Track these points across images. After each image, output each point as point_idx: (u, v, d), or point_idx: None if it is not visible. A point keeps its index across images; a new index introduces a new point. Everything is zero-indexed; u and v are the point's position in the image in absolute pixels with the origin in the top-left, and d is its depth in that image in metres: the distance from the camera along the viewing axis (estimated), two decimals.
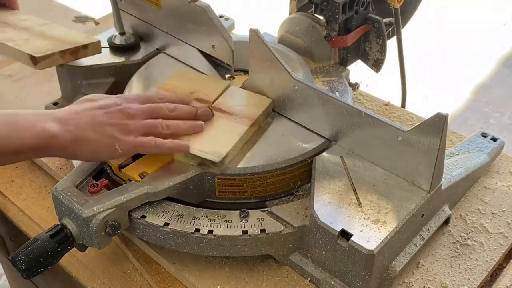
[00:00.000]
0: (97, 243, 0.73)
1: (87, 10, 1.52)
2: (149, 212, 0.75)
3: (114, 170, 0.80)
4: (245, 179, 0.78)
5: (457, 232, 0.83)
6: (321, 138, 0.83)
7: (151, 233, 0.75)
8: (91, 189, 0.75)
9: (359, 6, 0.94)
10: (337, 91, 0.93)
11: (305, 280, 0.77)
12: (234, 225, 0.74)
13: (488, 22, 3.26)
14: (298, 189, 0.82)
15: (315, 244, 0.73)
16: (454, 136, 0.99)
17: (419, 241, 0.78)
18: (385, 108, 1.05)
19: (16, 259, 0.69)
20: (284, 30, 1.02)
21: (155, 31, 1.01)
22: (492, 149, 0.91)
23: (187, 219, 0.75)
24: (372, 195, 0.74)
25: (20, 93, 1.12)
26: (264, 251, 0.75)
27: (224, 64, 0.94)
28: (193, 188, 0.78)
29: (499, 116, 2.69)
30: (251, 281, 0.77)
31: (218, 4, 1.05)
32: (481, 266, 0.78)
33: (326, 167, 0.79)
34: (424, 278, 0.77)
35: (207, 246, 0.74)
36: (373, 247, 0.68)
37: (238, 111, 0.85)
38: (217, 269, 0.78)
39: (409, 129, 0.73)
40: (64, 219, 0.73)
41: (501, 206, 0.87)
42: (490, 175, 0.92)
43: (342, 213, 0.72)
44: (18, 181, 0.95)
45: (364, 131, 0.78)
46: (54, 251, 0.70)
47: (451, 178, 0.81)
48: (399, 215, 0.72)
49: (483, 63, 3.00)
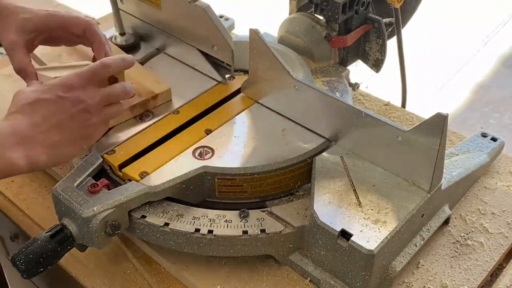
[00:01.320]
0: (97, 243, 0.72)
1: (87, 10, 1.51)
2: (149, 212, 0.75)
3: (114, 170, 0.80)
4: (245, 179, 0.78)
5: (457, 232, 0.83)
6: (321, 138, 0.83)
7: (151, 233, 0.75)
8: (91, 189, 0.74)
9: (359, 6, 0.94)
10: (337, 91, 0.93)
11: (305, 280, 0.77)
12: (234, 225, 0.74)
13: (488, 22, 3.26)
14: (298, 189, 0.82)
15: (315, 244, 0.73)
16: (454, 136, 0.99)
17: (419, 241, 0.78)
18: (385, 108, 1.05)
19: (16, 259, 0.69)
20: (284, 30, 1.02)
21: (155, 31, 1.01)
22: (492, 149, 0.91)
23: (187, 219, 0.75)
24: (372, 195, 0.74)
25: None
26: (264, 251, 0.75)
27: (224, 64, 0.94)
28: (193, 188, 0.78)
29: (499, 116, 2.69)
30: (251, 281, 0.77)
31: (218, 4, 1.05)
32: (481, 266, 0.78)
33: (326, 167, 0.79)
34: (424, 278, 0.77)
35: (207, 246, 0.74)
36: (373, 247, 0.68)
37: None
38: (217, 269, 0.78)
39: (409, 129, 0.73)
40: (64, 219, 0.73)
41: (501, 206, 0.87)
42: (490, 175, 0.92)
43: (342, 213, 0.72)
44: (18, 181, 0.95)
45: (364, 131, 0.78)
46: (54, 251, 0.70)
47: (451, 178, 0.81)
48: (399, 215, 0.72)
49: (483, 63, 3.00)
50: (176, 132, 0.85)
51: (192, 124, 0.87)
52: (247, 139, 0.84)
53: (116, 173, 0.80)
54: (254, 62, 0.87)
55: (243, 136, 0.84)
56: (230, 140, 0.84)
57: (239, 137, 0.84)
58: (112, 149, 0.82)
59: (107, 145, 0.82)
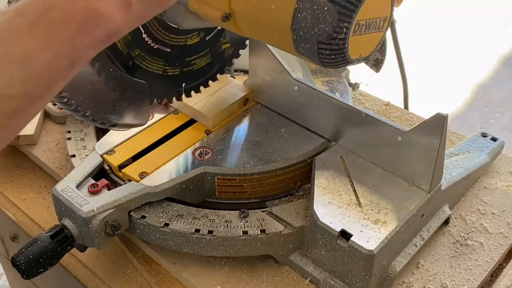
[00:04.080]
0: (97, 244, 0.73)
1: None
2: (149, 212, 0.75)
3: (114, 170, 0.80)
4: (245, 179, 0.78)
5: (457, 232, 0.83)
6: (321, 138, 0.84)
7: (151, 233, 0.75)
8: (91, 189, 0.74)
9: None
10: (337, 91, 0.93)
11: (305, 280, 0.77)
12: (234, 225, 0.74)
13: (488, 22, 3.26)
14: (298, 189, 0.82)
15: (315, 244, 0.73)
16: (454, 136, 0.99)
17: (419, 241, 0.78)
18: (385, 108, 1.05)
19: (16, 260, 0.69)
20: None
21: None
22: (492, 149, 0.91)
23: (187, 219, 0.75)
24: (372, 195, 0.74)
25: None
26: (264, 251, 0.75)
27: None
28: (193, 188, 0.78)
29: (499, 116, 2.69)
30: (251, 281, 0.77)
31: None
32: (481, 266, 0.78)
33: (326, 167, 0.79)
34: (424, 278, 0.77)
35: (207, 246, 0.74)
36: (373, 247, 0.68)
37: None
38: (217, 269, 0.78)
39: (409, 129, 0.73)
40: (64, 220, 0.73)
41: (501, 206, 0.87)
42: (490, 175, 0.92)
43: (342, 213, 0.72)
44: (18, 181, 0.95)
45: (364, 131, 0.78)
46: (54, 251, 0.70)
47: (451, 178, 0.81)
48: (399, 215, 0.72)
49: (483, 63, 3.00)
50: (176, 132, 0.85)
51: (192, 124, 0.87)
52: (247, 139, 0.84)
53: (116, 173, 0.80)
54: (254, 62, 0.87)
55: (243, 136, 0.84)
56: (230, 140, 0.84)
57: (239, 137, 0.84)
58: (112, 149, 0.82)
59: (107, 145, 0.82)
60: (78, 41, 0.44)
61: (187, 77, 0.83)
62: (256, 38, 0.69)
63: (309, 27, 0.58)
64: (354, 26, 0.58)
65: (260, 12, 0.62)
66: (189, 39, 0.79)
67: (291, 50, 0.63)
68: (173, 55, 0.79)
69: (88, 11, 0.44)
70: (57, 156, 0.94)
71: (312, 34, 0.58)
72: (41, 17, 0.43)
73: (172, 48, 0.78)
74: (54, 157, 0.94)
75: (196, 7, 0.68)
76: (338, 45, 0.58)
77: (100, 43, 0.47)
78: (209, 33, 0.81)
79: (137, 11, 0.48)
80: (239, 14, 0.65)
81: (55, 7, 0.44)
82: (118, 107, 0.72)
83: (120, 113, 0.73)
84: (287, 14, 0.59)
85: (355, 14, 0.57)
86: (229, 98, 0.88)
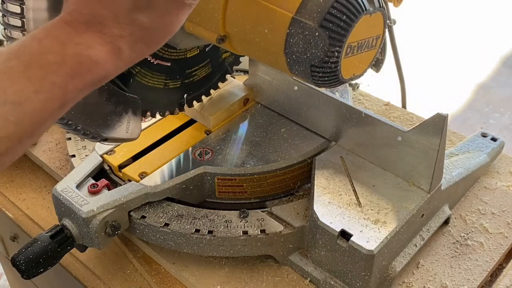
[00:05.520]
0: (97, 244, 0.73)
1: None
2: (149, 213, 0.75)
3: (114, 170, 0.80)
4: (245, 179, 0.78)
5: (457, 232, 0.83)
6: (321, 138, 0.84)
7: (151, 234, 0.75)
8: (91, 189, 0.75)
9: None
10: (337, 91, 0.93)
11: (305, 280, 0.76)
12: (234, 225, 0.74)
13: (488, 22, 3.26)
14: (298, 189, 0.82)
15: (315, 244, 0.73)
16: (454, 136, 0.99)
17: (419, 241, 0.78)
18: (385, 108, 1.05)
19: (16, 260, 0.69)
20: None
21: None
22: (492, 149, 0.91)
23: (187, 220, 0.75)
24: (372, 195, 0.74)
25: None
26: (264, 251, 0.75)
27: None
28: (193, 188, 0.78)
29: (499, 116, 2.69)
30: (251, 281, 0.77)
31: None
32: (481, 266, 0.78)
33: (326, 167, 0.79)
34: (424, 278, 0.77)
35: (207, 247, 0.74)
36: (373, 247, 0.68)
37: None
38: (217, 269, 0.78)
39: (409, 129, 0.73)
40: (64, 220, 0.73)
41: (501, 206, 0.87)
42: (490, 175, 0.92)
43: (342, 213, 0.72)
44: (18, 181, 0.95)
45: (364, 131, 0.78)
46: (54, 251, 0.70)
47: (451, 178, 0.81)
48: (399, 215, 0.72)
49: (483, 63, 3.00)
50: (176, 132, 0.85)
51: (192, 124, 0.87)
52: (247, 139, 0.84)
53: (116, 174, 0.80)
54: (254, 62, 0.87)
55: (243, 136, 0.84)
56: (230, 140, 0.84)
57: (239, 137, 0.84)
58: (112, 149, 0.82)
59: (107, 145, 0.82)
60: (70, 85, 0.46)
61: (189, 88, 0.83)
62: (252, 58, 0.70)
63: (301, 52, 0.59)
64: (345, 49, 0.58)
65: (253, 36, 0.62)
66: (189, 52, 0.79)
67: (286, 71, 0.63)
68: (173, 69, 0.78)
69: (81, 57, 0.46)
70: (57, 156, 0.94)
71: (304, 58, 0.59)
72: (36, 60, 0.44)
73: (172, 62, 0.77)
74: (54, 157, 0.94)
75: (192, 29, 0.68)
76: (330, 68, 0.59)
77: (90, 86, 0.48)
78: (208, 44, 0.81)
79: (127, 56, 0.50)
80: (233, 37, 0.65)
81: (50, 51, 0.45)
82: (109, 121, 0.72)
83: (111, 127, 0.73)
84: (280, 39, 0.60)
85: (346, 38, 0.57)
86: (229, 98, 0.88)
